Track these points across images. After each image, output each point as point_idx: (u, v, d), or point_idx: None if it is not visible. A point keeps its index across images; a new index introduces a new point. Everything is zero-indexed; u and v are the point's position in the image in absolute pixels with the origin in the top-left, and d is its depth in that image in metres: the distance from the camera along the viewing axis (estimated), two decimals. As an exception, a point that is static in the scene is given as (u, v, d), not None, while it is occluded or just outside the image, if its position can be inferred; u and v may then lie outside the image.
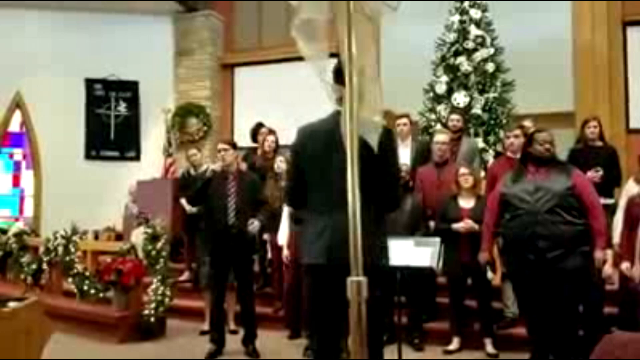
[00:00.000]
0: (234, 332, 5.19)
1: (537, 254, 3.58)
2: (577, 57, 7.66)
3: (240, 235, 4.58)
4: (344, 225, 1.65)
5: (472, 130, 6.71)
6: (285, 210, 5.31)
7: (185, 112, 9.21)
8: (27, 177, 9.25)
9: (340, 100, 2.12)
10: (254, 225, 4.66)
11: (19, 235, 7.09)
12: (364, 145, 1.93)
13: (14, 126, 9.19)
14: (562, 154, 5.59)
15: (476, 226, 4.46)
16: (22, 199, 9.28)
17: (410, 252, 3.95)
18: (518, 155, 4.89)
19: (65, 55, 8.86)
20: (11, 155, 9.26)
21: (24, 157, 9.27)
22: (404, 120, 5.67)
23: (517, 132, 4.97)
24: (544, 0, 7.52)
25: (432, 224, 4.91)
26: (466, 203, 4.64)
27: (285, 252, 5.25)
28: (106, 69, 9.19)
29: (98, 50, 9.01)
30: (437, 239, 4.55)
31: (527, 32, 7.47)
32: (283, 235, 5.30)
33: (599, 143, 5.35)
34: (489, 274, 4.09)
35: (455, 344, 4.66)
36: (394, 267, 3.32)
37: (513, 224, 3.74)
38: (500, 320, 4.82)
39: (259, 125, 6.89)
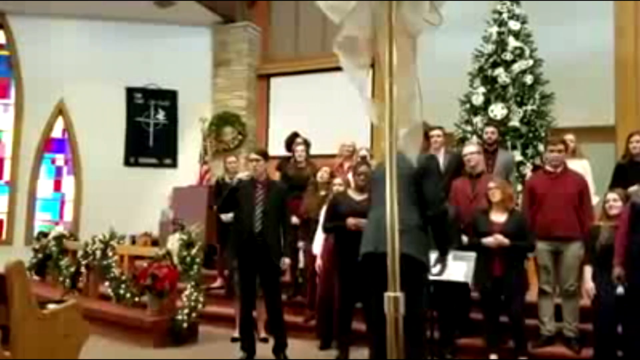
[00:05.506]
0: (265, 340, 5.20)
1: None
2: (618, 69, 7.48)
3: (266, 244, 4.60)
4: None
5: (509, 143, 6.58)
6: (322, 220, 5.32)
7: (221, 121, 9.35)
8: (68, 182, 9.53)
9: (379, 116, 2.15)
10: (285, 263, 4.80)
11: (58, 238, 7.27)
12: (412, 173, 3.05)
13: (57, 132, 9.49)
14: (601, 168, 5.46)
15: (506, 241, 4.39)
16: (62, 203, 9.55)
17: (443, 266, 3.88)
18: (558, 170, 4.80)
19: (106, 64, 9.12)
20: (53, 161, 9.56)
21: (66, 162, 9.56)
22: (437, 132, 5.62)
23: (561, 146, 4.86)
24: (585, 9, 7.36)
25: (464, 238, 4.84)
26: (498, 217, 4.56)
27: (318, 262, 5.25)
28: (146, 78, 9.43)
29: (139, 59, 9.26)
30: (473, 254, 4.48)
31: (567, 43, 7.30)
32: (317, 245, 5.30)
33: None
34: (620, 289, 3.85)
35: (491, 360, 4.56)
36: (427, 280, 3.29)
37: (635, 238, 3.56)
38: (536, 337, 4.70)
39: (295, 135, 6.93)
